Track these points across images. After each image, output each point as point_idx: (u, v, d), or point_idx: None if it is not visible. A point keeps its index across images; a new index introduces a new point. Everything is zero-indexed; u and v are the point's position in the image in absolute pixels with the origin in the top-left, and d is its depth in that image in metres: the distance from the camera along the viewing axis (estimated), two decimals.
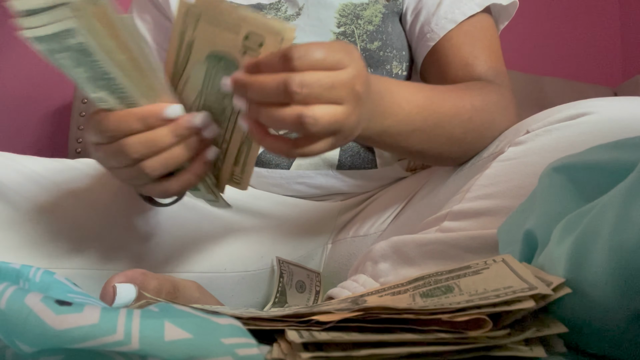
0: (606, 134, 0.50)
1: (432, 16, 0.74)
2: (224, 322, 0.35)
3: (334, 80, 0.46)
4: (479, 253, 0.52)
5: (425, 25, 0.75)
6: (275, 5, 0.76)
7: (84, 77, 0.47)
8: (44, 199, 0.66)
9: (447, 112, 0.61)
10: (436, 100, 0.61)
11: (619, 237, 0.31)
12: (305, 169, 0.77)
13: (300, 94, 0.44)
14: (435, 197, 0.68)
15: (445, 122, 0.61)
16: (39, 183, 0.67)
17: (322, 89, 0.45)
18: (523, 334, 0.33)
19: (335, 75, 0.46)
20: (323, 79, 0.45)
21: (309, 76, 0.45)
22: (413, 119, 0.59)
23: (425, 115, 0.60)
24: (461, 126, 0.62)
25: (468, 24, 0.73)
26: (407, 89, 0.60)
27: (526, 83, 1.57)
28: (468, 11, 0.73)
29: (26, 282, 0.45)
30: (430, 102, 0.60)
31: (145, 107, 0.51)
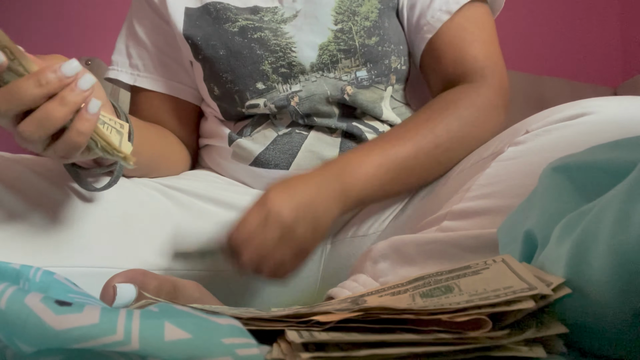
0: (606, 134, 0.50)
1: (427, 9, 0.76)
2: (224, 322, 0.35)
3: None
4: (479, 253, 0.52)
5: (422, 18, 0.76)
6: (271, 10, 0.77)
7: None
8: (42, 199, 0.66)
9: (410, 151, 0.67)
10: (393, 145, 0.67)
11: (619, 237, 0.31)
12: (305, 170, 0.77)
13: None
14: (435, 197, 0.68)
15: (420, 161, 0.68)
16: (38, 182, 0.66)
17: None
18: (523, 334, 0.33)
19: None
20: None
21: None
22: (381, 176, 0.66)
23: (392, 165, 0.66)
24: (429, 155, 0.68)
25: (463, 15, 0.75)
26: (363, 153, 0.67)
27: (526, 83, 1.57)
28: (462, 0, 0.74)
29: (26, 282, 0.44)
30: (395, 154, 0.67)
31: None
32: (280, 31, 0.76)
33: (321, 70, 0.76)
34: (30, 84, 0.46)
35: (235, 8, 0.78)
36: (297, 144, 0.77)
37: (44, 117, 0.47)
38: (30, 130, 0.48)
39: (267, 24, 0.76)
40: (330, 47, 0.75)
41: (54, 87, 0.47)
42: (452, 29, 0.74)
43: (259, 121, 0.79)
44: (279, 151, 0.77)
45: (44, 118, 0.47)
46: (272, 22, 0.76)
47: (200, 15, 0.79)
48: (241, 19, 0.77)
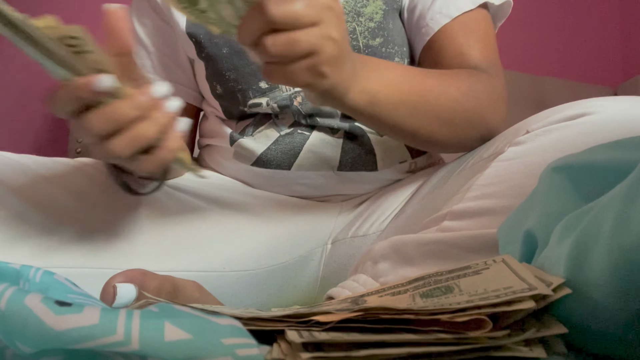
0: (606, 134, 0.50)
1: (428, 11, 0.75)
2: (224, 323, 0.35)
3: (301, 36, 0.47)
4: (479, 253, 0.52)
5: (421, 19, 0.76)
6: None
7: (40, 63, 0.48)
8: (43, 199, 0.66)
9: (433, 88, 0.62)
10: (419, 75, 0.63)
11: (619, 237, 0.31)
12: (306, 170, 0.77)
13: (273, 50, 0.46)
14: (435, 197, 0.68)
15: (432, 98, 0.62)
16: (39, 182, 0.67)
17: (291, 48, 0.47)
18: (523, 334, 0.33)
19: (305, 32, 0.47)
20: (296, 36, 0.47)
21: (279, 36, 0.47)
22: (398, 87, 0.60)
23: (410, 85, 0.61)
24: (448, 105, 0.63)
25: (463, 18, 0.74)
26: (387, 62, 0.62)
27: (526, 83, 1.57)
28: (463, 7, 0.74)
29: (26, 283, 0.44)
30: (413, 75, 0.62)
31: (82, 78, 0.49)
32: None
33: None
34: (127, 106, 0.49)
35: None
36: (299, 144, 0.77)
37: (136, 136, 0.50)
38: (121, 148, 0.50)
39: None
40: None
41: (147, 109, 0.50)
42: (452, 32, 0.74)
43: (261, 121, 0.79)
44: (281, 151, 0.77)
45: (136, 137, 0.50)
46: None
47: None
48: None
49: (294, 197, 0.81)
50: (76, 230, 0.67)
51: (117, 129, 0.50)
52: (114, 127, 0.49)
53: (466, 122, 0.65)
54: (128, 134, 0.50)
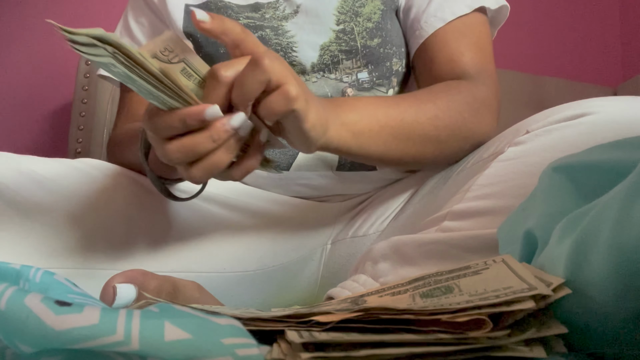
0: (606, 134, 0.50)
1: (422, 14, 0.75)
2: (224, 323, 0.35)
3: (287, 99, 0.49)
4: (479, 253, 0.52)
5: (415, 22, 0.76)
6: (272, 5, 0.76)
7: (136, 91, 0.50)
8: (43, 199, 0.66)
9: (408, 110, 0.63)
10: (391, 100, 0.64)
11: (619, 237, 0.31)
12: (305, 170, 0.77)
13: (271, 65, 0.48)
14: (435, 197, 0.68)
15: (411, 120, 0.63)
16: (39, 182, 0.67)
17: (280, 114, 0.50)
18: (523, 334, 0.33)
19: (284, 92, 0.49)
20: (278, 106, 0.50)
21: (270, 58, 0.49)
22: (376, 115, 0.61)
23: (385, 111, 0.62)
24: (429, 124, 0.64)
25: (457, 23, 0.74)
26: (354, 97, 0.64)
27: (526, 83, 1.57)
28: (458, 11, 0.73)
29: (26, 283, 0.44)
30: (385, 102, 0.63)
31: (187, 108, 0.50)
32: (281, 30, 0.76)
33: (322, 70, 0.76)
34: (205, 139, 0.50)
35: (236, 6, 0.77)
36: None
37: (213, 165, 0.51)
38: (200, 176, 0.52)
39: (268, 21, 0.76)
40: (331, 48, 0.75)
41: (224, 140, 0.51)
42: (445, 36, 0.73)
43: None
44: (280, 152, 0.77)
45: (213, 165, 0.51)
46: (274, 20, 0.76)
47: None
48: (242, 17, 0.76)
49: (294, 198, 0.81)
50: (76, 231, 0.67)
51: (194, 159, 0.51)
52: (192, 159, 0.51)
53: (451, 136, 0.65)
54: (204, 163, 0.51)
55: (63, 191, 0.68)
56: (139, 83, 0.48)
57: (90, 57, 0.46)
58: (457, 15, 0.73)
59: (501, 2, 0.77)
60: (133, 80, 0.48)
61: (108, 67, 0.47)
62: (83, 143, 1.30)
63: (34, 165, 0.68)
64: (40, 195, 0.66)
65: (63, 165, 0.70)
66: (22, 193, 0.65)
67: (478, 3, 0.74)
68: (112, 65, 0.46)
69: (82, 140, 1.31)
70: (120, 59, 0.45)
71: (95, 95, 1.31)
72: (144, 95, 0.50)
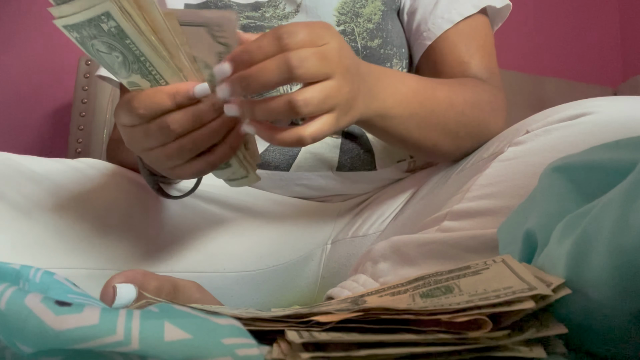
0: (606, 134, 0.50)
1: (429, 15, 0.75)
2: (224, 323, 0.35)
3: (324, 52, 0.48)
4: (479, 253, 0.52)
5: (422, 24, 0.76)
6: (273, 3, 0.76)
7: (119, 61, 0.48)
8: (43, 199, 0.66)
9: (442, 101, 0.62)
10: (430, 87, 0.62)
11: (618, 237, 0.31)
12: (305, 171, 0.77)
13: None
14: (435, 197, 0.68)
15: (440, 111, 0.62)
16: (39, 183, 0.67)
17: (317, 61, 0.47)
18: (523, 334, 0.33)
19: (324, 48, 0.48)
20: (316, 52, 0.47)
21: (304, 52, 0.46)
22: (410, 102, 0.60)
23: (420, 99, 0.61)
24: (455, 118, 0.63)
25: (464, 24, 0.74)
26: (400, 73, 0.61)
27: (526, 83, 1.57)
28: (464, 12, 0.74)
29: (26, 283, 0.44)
30: (424, 87, 0.62)
31: (174, 84, 0.51)
32: None
33: None
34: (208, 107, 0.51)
35: (237, 5, 0.77)
36: None
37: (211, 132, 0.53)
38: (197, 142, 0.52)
39: (268, 21, 0.76)
40: None
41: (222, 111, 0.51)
42: (453, 38, 0.74)
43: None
44: (280, 152, 0.77)
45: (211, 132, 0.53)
46: (274, 19, 0.76)
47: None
48: (242, 17, 0.76)
49: (294, 198, 0.81)
50: (76, 231, 0.67)
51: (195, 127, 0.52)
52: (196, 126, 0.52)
53: (469, 134, 0.66)
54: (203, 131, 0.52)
55: (63, 191, 0.68)
56: (131, 43, 0.46)
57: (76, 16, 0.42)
58: (464, 16, 0.74)
59: (505, 1, 0.77)
60: (124, 39, 0.45)
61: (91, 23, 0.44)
62: (83, 143, 1.30)
63: (34, 165, 0.68)
64: (40, 195, 0.66)
65: (63, 165, 0.70)
66: (22, 193, 0.65)
67: (484, 2, 0.74)
68: (102, 17, 0.43)
69: (82, 140, 1.30)
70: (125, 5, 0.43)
71: (95, 95, 1.31)
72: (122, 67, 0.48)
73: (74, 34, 0.46)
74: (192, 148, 0.52)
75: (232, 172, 0.59)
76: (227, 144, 0.54)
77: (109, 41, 0.46)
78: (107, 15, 0.43)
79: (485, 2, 0.75)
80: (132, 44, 0.46)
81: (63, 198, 0.67)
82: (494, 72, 0.74)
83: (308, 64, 0.46)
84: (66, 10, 0.43)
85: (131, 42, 0.46)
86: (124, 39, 0.46)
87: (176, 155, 0.53)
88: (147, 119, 0.51)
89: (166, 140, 0.52)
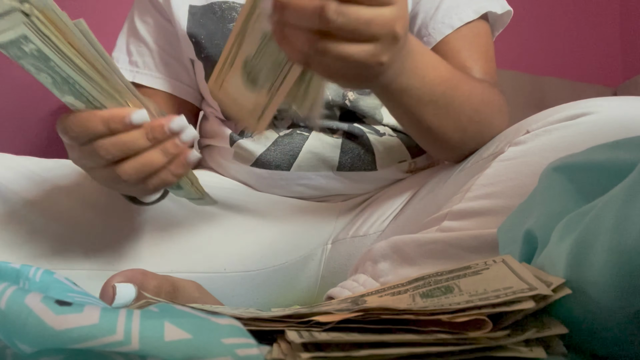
0: (606, 134, 0.50)
1: (430, 20, 0.75)
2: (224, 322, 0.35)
3: (374, 17, 0.43)
4: (479, 253, 0.52)
5: (423, 28, 0.76)
6: None
7: (49, 82, 0.47)
8: (42, 199, 0.66)
9: (462, 95, 0.62)
10: (456, 78, 0.61)
11: (619, 237, 0.31)
12: (306, 171, 0.77)
13: (336, 22, 0.42)
14: (435, 197, 0.68)
15: (458, 104, 0.62)
16: (38, 183, 0.67)
17: (359, 23, 0.43)
18: (523, 334, 0.33)
19: (377, 12, 0.43)
20: (363, 13, 0.43)
21: (347, 7, 0.42)
22: (434, 89, 0.59)
23: (444, 88, 0.60)
24: (468, 114, 0.63)
25: (465, 30, 0.74)
26: (435, 56, 0.60)
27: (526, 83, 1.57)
28: (465, 17, 0.73)
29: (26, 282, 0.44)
30: (452, 77, 0.61)
31: (110, 110, 0.50)
32: None
33: None
34: (140, 136, 0.50)
35: (240, 6, 0.77)
36: (298, 145, 0.76)
37: (145, 163, 0.51)
38: (129, 174, 0.52)
39: None
40: None
41: (160, 140, 0.51)
42: (455, 43, 0.73)
43: None
44: (280, 152, 0.77)
45: (145, 164, 0.51)
46: None
47: (204, 14, 0.79)
48: None
49: (294, 198, 0.81)
50: (76, 231, 0.67)
51: (126, 156, 0.51)
52: (124, 155, 0.51)
53: (477, 131, 0.65)
54: (138, 160, 0.51)
55: (63, 192, 0.68)
56: (56, 66, 0.44)
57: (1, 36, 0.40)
58: (464, 22, 0.73)
59: (506, 7, 0.77)
60: (47, 61, 0.44)
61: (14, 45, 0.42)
62: None
63: (34, 165, 0.68)
64: (40, 195, 0.66)
65: (62, 165, 0.70)
66: (22, 194, 0.65)
67: (484, 8, 0.74)
68: (21, 40, 0.42)
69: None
70: (42, 28, 0.41)
71: None
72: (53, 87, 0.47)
73: (5, 52, 0.45)
74: (127, 179, 0.52)
75: (185, 193, 0.59)
76: (169, 171, 0.54)
77: (35, 63, 0.45)
78: (25, 38, 0.42)
79: (486, 8, 0.75)
80: (56, 66, 0.45)
81: (63, 199, 0.67)
82: (495, 79, 0.73)
83: (347, 20, 0.42)
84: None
85: (55, 64, 0.45)
86: (47, 61, 0.44)
87: (111, 180, 0.53)
88: (79, 142, 0.51)
89: (100, 164, 0.52)
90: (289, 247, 0.81)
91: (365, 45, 0.44)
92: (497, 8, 0.76)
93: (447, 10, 0.74)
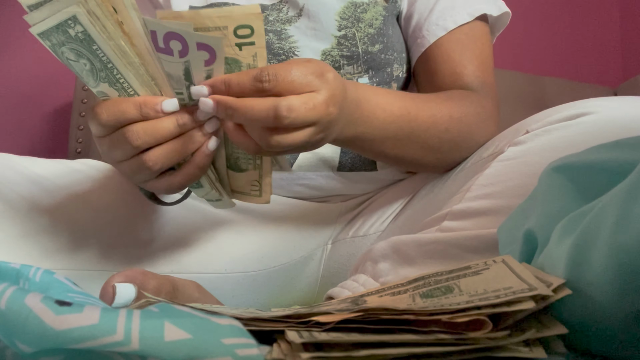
0: (606, 134, 0.50)
1: (424, 21, 0.74)
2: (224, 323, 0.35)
3: (314, 103, 0.49)
4: (479, 253, 0.52)
5: (417, 30, 0.75)
6: (276, 6, 0.76)
7: (86, 69, 0.47)
8: (43, 200, 0.66)
9: (423, 123, 0.63)
10: (413, 110, 0.63)
11: (619, 237, 0.31)
12: (306, 171, 0.77)
13: (288, 119, 0.47)
14: (435, 197, 0.68)
15: (421, 132, 0.63)
16: (39, 183, 0.67)
17: (306, 112, 0.48)
18: (523, 334, 0.33)
19: (312, 97, 0.49)
20: (305, 101, 0.48)
21: (294, 100, 0.48)
22: (387, 127, 0.61)
23: (400, 124, 0.61)
24: (437, 136, 0.64)
25: (460, 32, 0.73)
26: (385, 97, 0.61)
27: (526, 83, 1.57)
28: (459, 20, 0.73)
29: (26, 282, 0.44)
30: (407, 111, 0.62)
31: (143, 96, 0.51)
32: (284, 34, 0.75)
33: None
34: (170, 123, 0.51)
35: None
36: None
37: (173, 149, 0.52)
38: (156, 159, 0.52)
39: (271, 24, 0.76)
40: (333, 53, 0.75)
41: (188, 128, 0.52)
42: (447, 46, 0.73)
43: None
44: None
45: (172, 150, 0.52)
46: (277, 23, 0.76)
47: None
48: None
49: (294, 198, 0.81)
50: (76, 231, 0.67)
51: (157, 142, 0.52)
52: (153, 142, 0.51)
53: (454, 148, 0.66)
54: (164, 147, 0.52)
55: (63, 192, 0.68)
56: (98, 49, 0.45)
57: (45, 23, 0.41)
58: (458, 24, 0.73)
59: (503, 9, 0.76)
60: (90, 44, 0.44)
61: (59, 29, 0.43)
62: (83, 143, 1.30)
63: (34, 166, 0.68)
64: (40, 196, 0.66)
65: (63, 166, 0.70)
66: (22, 194, 0.65)
67: (479, 11, 0.74)
68: (69, 22, 0.42)
69: (82, 140, 1.30)
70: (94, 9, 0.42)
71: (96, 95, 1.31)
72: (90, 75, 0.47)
73: (47, 41, 0.46)
74: (153, 165, 0.52)
75: (205, 192, 0.59)
76: (193, 163, 0.54)
77: (77, 47, 0.46)
78: (74, 19, 0.43)
79: (481, 10, 0.74)
80: (98, 49, 0.46)
81: (63, 199, 0.67)
82: (487, 81, 0.73)
83: (297, 113, 0.48)
84: (37, 16, 0.42)
85: (98, 47, 0.45)
86: (90, 44, 0.45)
87: (139, 172, 0.53)
88: (110, 128, 0.51)
89: (129, 153, 0.52)
90: (289, 247, 0.81)
91: (307, 130, 0.50)
92: (494, 10, 0.75)
93: (441, 12, 0.74)
